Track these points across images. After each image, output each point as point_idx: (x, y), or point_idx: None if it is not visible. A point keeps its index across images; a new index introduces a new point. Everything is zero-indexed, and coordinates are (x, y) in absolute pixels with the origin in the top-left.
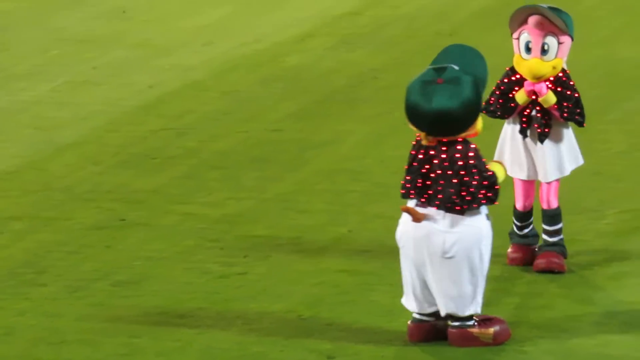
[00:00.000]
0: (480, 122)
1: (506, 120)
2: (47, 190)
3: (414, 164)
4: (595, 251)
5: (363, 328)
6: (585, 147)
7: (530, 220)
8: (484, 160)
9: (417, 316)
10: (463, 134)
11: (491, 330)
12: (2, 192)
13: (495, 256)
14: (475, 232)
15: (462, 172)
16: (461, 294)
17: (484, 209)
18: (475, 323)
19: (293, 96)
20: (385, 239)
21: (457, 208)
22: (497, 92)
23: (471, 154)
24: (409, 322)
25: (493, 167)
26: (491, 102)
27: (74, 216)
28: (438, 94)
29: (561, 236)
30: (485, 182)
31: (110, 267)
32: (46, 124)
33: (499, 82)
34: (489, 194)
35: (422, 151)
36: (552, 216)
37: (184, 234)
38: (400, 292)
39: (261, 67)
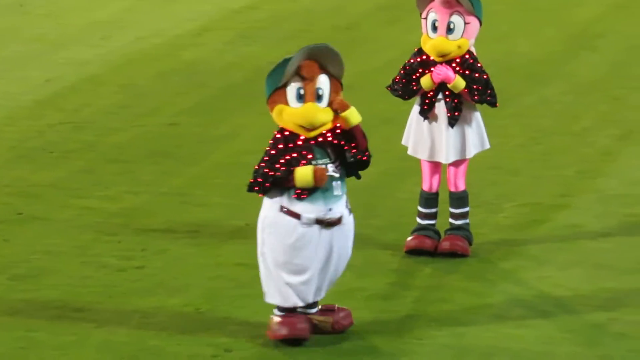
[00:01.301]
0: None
1: (416, 100)
2: None
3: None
4: (493, 244)
5: (260, 321)
6: None
7: (434, 210)
8: (274, 152)
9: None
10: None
11: (330, 318)
12: None
13: (395, 249)
14: (260, 219)
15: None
16: (261, 280)
17: (277, 200)
18: (317, 310)
19: (190, 90)
20: None
21: (254, 189)
22: (402, 72)
23: (270, 140)
24: None
25: (299, 169)
26: (396, 80)
27: None
28: None
29: (467, 220)
30: (256, 168)
31: (7, 261)
32: None
33: (406, 61)
34: (254, 183)
35: None
36: (458, 198)
37: (81, 228)
38: None
39: (158, 61)
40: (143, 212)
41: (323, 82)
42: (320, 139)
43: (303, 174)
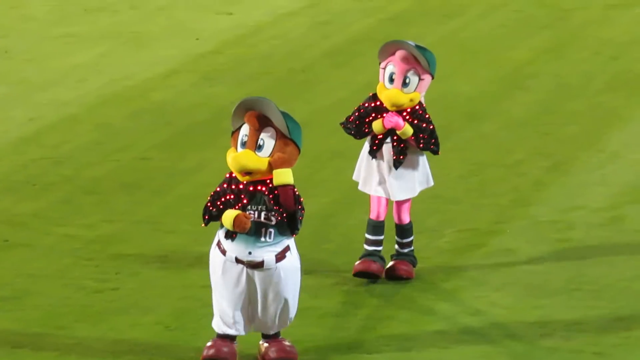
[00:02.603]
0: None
1: (366, 140)
2: None
3: None
4: (435, 267)
5: None
6: None
7: (380, 238)
8: (218, 189)
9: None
10: None
11: (262, 348)
12: None
13: (346, 271)
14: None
15: None
16: None
17: (218, 235)
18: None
19: (160, 128)
20: None
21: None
22: (356, 114)
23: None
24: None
25: (227, 212)
26: (350, 120)
27: None
28: None
29: (412, 248)
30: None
31: None
32: None
33: (360, 104)
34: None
35: None
36: (404, 230)
37: (61, 253)
38: None
39: (130, 102)
40: (117, 239)
41: (266, 134)
42: (259, 187)
43: (226, 217)
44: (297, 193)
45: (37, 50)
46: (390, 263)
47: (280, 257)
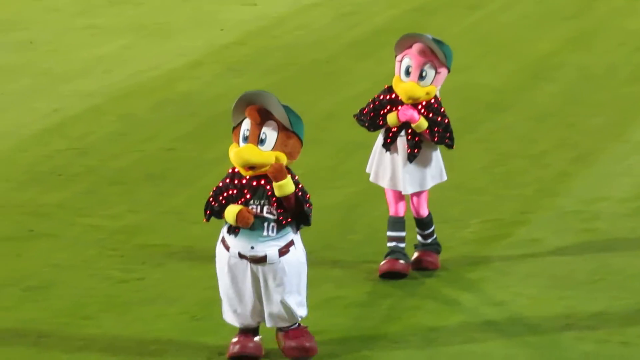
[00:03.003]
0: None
1: (380, 131)
2: None
3: None
4: (460, 257)
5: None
6: (449, 164)
7: (402, 234)
8: (221, 184)
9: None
10: None
11: (282, 342)
12: None
13: (371, 261)
14: None
15: None
16: None
17: (222, 231)
18: (280, 332)
19: (185, 118)
20: None
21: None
22: (371, 106)
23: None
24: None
25: (229, 207)
26: (364, 112)
27: None
28: None
29: (434, 236)
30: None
31: (20, 274)
32: None
33: (375, 96)
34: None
35: None
36: (423, 223)
37: (87, 243)
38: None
39: (155, 93)
40: (143, 229)
41: (268, 127)
42: (262, 182)
43: (229, 212)
44: (300, 194)
45: (61, 42)
46: (415, 254)
47: (283, 251)
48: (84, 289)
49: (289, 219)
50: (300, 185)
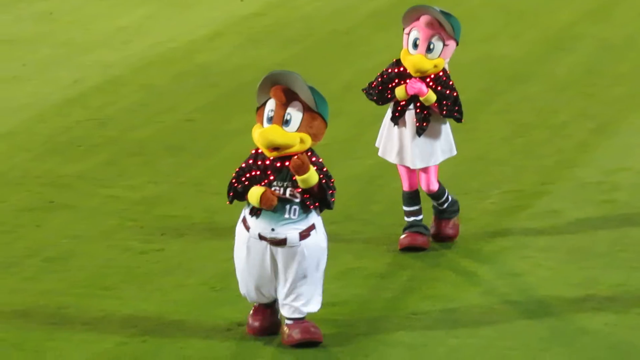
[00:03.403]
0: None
1: (389, 107)
2: None
3: None
4: (480, 228)
5: None
6: (470, 135)
7: (417, 207)
8: (244, 165)
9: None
10: None
11: (285, 330)
12: None
13: (392, 232)
14: None
15: None
16: None
17: (244, 211)
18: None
19: (204, 89)
20: None
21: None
22: (379, 79)
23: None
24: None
25: (253, 188)
26: (372, 85)
27: (7, 199)
28: None
29: (449, 200)
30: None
31: (40, 245)
32: None
33: (383, 70)
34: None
35: None
36: (435, 196)
37: (106, 214)
38: None
39: (175, 64)
40: (162, 200)
41: (293, 108)
42: (286, 163)
43: (253, 193)
44: (324, 182)
45: (81, 12)
46: (433, 226)
47: (304, 234)
48: (104, 260)
49: (316, 204)
50: (324, 170)
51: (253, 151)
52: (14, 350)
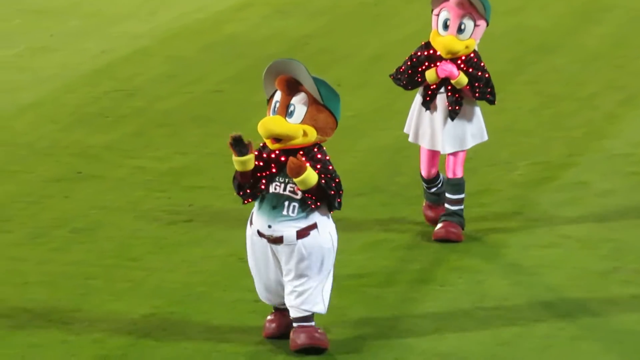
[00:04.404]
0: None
1: (418, 90)
2: (11, 146)
3: None
4: (508, 199)
5: None
6: (498, 106)
7: (438, 182)
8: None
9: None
10: None
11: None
12: None
13: (418, 204)
14: None
15: None
16: None
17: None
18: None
19: (232, 60)
20: None
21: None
22: (408, 63)
23: None
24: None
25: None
26: (401, 70)
27: (35, 169)
28: None
29: (461, 206)
30: None
31: (68, 216)
32: (9, 87)
33: (412, 53)
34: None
35: None
36: (455, 185)
37: (134, 185)
38: None
39: (202, 35)
40: (190, 171)
41: (298, 99)
42: (282, 158)
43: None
44: (323, 182)
45: None
46: (439, 225)
47: (302, 233)
48: (131, 230)
49: (318, 203)
50: (329, 168)
51: (261, 144)
52: (42, 321)
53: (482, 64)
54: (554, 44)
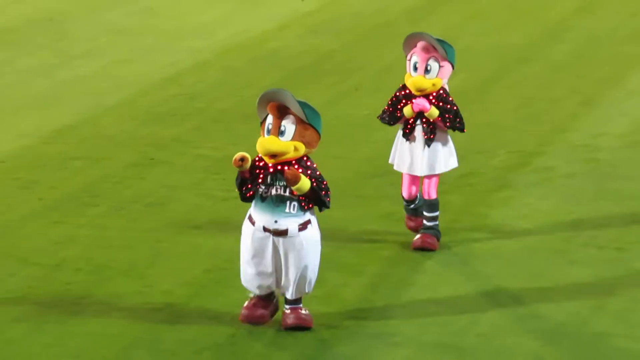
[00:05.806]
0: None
1: (399, 126)
2: (98, 138)
3: None
4: (490, 180)
5: None
6: (484, 105)
7: (417, 200)
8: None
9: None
10: None
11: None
12: (65, 140)
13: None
14: None
15: None
16: None
17: (249, 210)
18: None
19: (273, 70)
20: (339, 178)
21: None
22: (389, 102)
23: None
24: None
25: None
26: (385, 110)
27: (117, 156)
28: None
29: (437, 222)
30: None
31: (143, 193)
32: (97, 91)
33: (393, 95)
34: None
35: None
36: (430, 205)
37: (195, 169)
38: None
39: (250, 50)
40: None
41: (287, 120)
42: (286, 167)
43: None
44: (315, 185)
45: (176, 8)
46: (417, 236)
47: (302, 227)
48: (193, 205)
49: (310, 205)
50: (318, 173)
51: (257, 157)
52: (122, 277)
53: (450, 99)
54: (528, 56)
